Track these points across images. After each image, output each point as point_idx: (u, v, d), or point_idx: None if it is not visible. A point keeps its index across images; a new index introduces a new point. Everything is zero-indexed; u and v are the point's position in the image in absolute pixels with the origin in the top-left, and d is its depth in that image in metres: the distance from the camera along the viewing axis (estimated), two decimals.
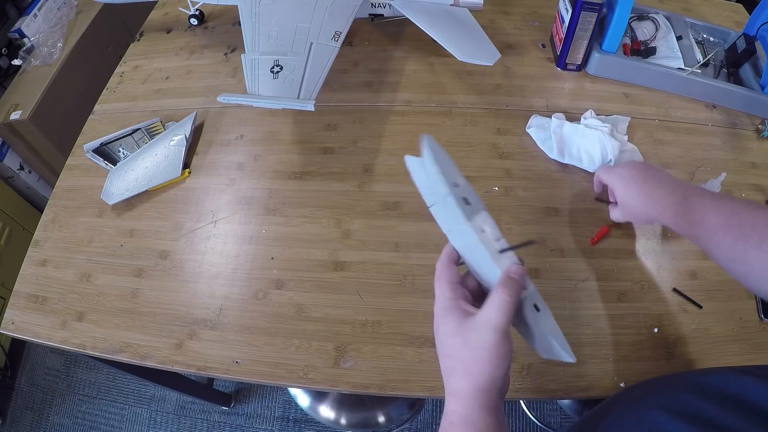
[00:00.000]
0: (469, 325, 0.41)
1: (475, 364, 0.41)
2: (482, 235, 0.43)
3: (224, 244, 0.83)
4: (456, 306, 0.43)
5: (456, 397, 0.42)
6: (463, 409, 0.41)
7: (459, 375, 0.42)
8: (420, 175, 0.46)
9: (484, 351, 0.40)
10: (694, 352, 0.69)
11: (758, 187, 0.85)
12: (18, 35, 1.56)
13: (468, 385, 0.41)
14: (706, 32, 1.04)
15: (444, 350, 0.43)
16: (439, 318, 0.44)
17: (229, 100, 0.79)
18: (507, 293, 0.40)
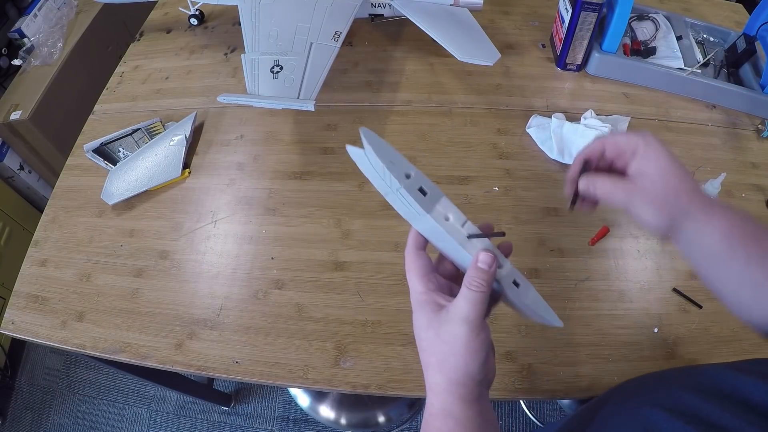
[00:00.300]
0: (441, 318, 0.40)
1: (448, 357, 0.40)
2: (447, 224, 0.41)
3: (224, 244, 0.83)
4: (428, 299, 0.42)
5: (432, 391, 0.42)
6: (439, 401, 0.41)
7: (434, 369, 0.42)
8: (367, 166, 0.43)
9: (456, 344, 0.39)
10: (694, 352, 0.69)
11: (758, 187, 0.85)
12: (18, 35, 1.56)
13: (443, 378, 0.41)
14: (706, 32, 1.04)
15: (420, 344, 0.43)
16: (414, 312, 0.43)
17: (229, 100, 0.79)
18: (476, 285, 0.39)
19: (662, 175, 0.42)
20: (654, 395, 0.41)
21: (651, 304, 0.73)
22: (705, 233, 0.42)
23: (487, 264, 0.40)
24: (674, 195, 0.42)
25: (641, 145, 0.44)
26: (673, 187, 0.42)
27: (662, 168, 0.42)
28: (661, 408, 0.38)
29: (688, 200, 0.42)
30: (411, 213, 0.43)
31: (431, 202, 0.41)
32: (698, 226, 0.42)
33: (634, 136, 0.44)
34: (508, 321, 0.72)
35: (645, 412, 0.39)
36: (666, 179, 0.42)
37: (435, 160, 0.89)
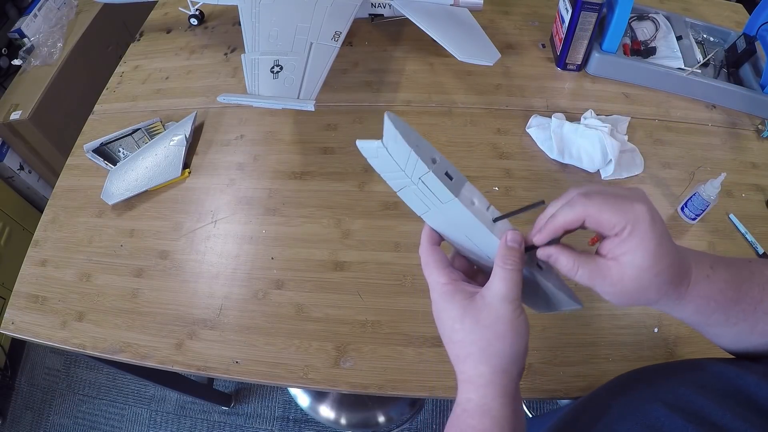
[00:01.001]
0: (478, 304, 0.38)
1: (492, 343, 0.38)
2: (473, 207, 0.40)
3: (224, 244, 0.83)
4: (456, 289, 0.40)
5: (472, 383, 0.39)
6: (478, 396, 0.38)
7: (474, 359, 0.38)
8: (381, 159, 0.40)
9: (500, 326, 0.37)
10: (694, 352, 0.69)
11: (758, 187, 0.85)
12: (18, 35, 1.56)
13: (487, 368, 0.38)
14: (706, 32, 1.04)
15: (453, 336, 0.40)
16: (440, 305, 0.40)
17: (229, 100, 0.79)
18: (510, 263, 0.38)
19: (638, 275, 0.36)
20: (656, 390, 0.41)
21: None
22: (676, 311, 0.40)
23: (517, 242, 0.39)
24: (644, 292, 0.37)
25: (628, 231, 0.35)
26: (646, 285, 0.37)
27: (640, 266, 0.35)
28: (663, 404, 0.38)
29: (658, 295, 0.38)
30: (432, 202, 0.41)
31: (458, 187, 0.40)
32: (669, 308, 0.40)
33: (622, 216, 0.35)
34: None
35: (646, 407, 0.39)
36: (640, 279, 0.36)
37: None
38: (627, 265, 0.36)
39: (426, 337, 0.71)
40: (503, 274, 0.38)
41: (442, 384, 0.68)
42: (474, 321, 0.38)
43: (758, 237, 0.79)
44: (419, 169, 0.39)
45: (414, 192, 0.41)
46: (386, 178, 0.42)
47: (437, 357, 0.70)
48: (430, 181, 0.40)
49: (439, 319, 0.41)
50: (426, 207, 0.42)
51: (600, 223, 0.36)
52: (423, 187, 0.40)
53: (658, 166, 0.87)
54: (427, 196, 0.41)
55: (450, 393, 0.67)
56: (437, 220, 0.43)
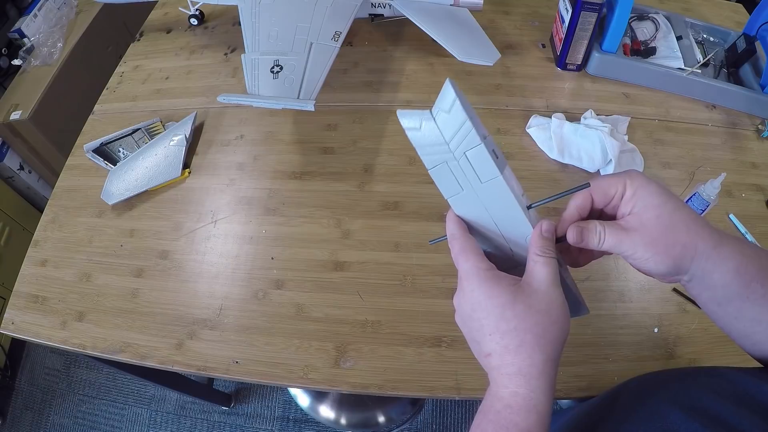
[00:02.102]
0: (526, 290, 0.37)
1: (547, 329, 0.36)
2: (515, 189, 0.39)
3: (224, 244, 0.83)
4: (500, 275, 0.38)
5: (523, 376, 0.36)
6: (528, 389, 0.36)
7: (529, 347, 0.36)
8: (425, 131, 0.38)
9: (554, 310, 0.36)
10: (694, 352, 0.69)
11: (758, 187, 0.85)
12: (18, 35, 1.56)
13: (540, 356, 0.36)
14: (706, 32, 1.04)
15: (501, 326, 0.37)
16: (485, 291, 0.38)
17: (229, 100, 0.79)
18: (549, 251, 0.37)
19: (656, 214, 0.36)
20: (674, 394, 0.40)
21: (651, 304, 0.73)
22: (715, 271, 0.37)
23: (551, 233, 0.39)
24: (672, 232, 0.36)
25: (627, 184, 0.38)
26: (669, 223, 0.36)
27: (653, 204, 0.36)
28: (680, 408, 0.37)
29: (689, 236, 0.36)
30: (468, 182, 0.39)
31: (501, 166, 0.39)
32: (707, 264, 0.37)
33: (617, 177, 0.38)
34: None
35: (664, 410, 0.38)
36: (660, 217, 0.36)
37: None
38: (642, 210, 0.37)
39: (426, 337, 0.71)
40: (544, 261, 0.37)
41: (442, 384, 0.68)
42: (527, 306, 0.36)
43: (758, 237, 0.79)
44: (469, 141, 0.37)
45: (451, 169, 0.39)
46: (422, 153, 0.39)
47: (437, 357, 0.70)
48: (476, 156, 0.37)
49: (480, 308, 0.38)
50: (459, 188, 0.40)
51: (604, 192, 0.39)
52: (465, 163, 0.38)
53: (658, 166, 0.87)
54: (466, 175, 0.38)
55: (450, 393, 0.67)
56: (466, 204, 0.40)
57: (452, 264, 0.82)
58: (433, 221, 0.82)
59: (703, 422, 0.35)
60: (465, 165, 0.38)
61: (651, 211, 0.37)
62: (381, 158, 0.90)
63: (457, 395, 0.67)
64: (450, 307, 0.74)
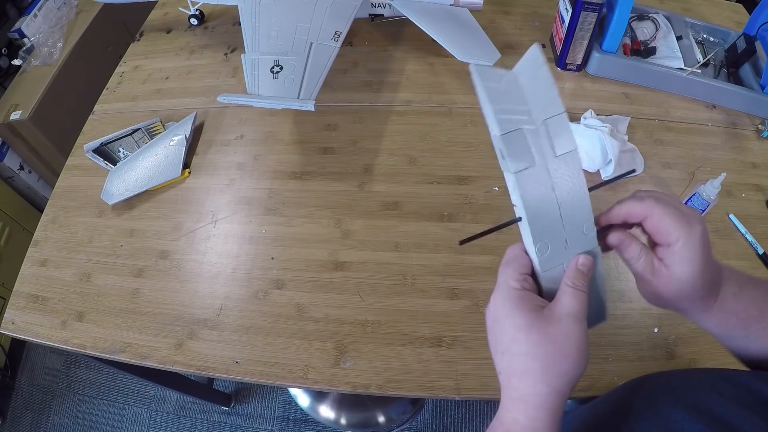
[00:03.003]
0: (546, 318, 0.36)
1: (557, 361, 0.36)
2: None
3: (224, 244, 0.83)
4: (526, 296, 0.38)
5: (524, 403, 0.36)
6: (527, 418, 0.36)
7: (534, 376, 0.36)
8: (503, 90, 0.35)
9: (568, 345, 0.35)
10: (694, 352, 0.69)
11: (758, 187, 0.85)
12: (18, 35, 1.56)
13: (544, 388, 0.36)
14: (706, 32, 1.04)
15: (512, 348, 0.37)
16: (505, 310, 0.38)
17: (229, 100, 0.79)
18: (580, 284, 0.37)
19: (690, 284, 0.38)
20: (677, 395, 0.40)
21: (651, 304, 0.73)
22: (710, 323, 0.41)
23: (587, 267, 0.39)
24: (690, 299, 0.39)
25: (681, 242, 0.37)
26: (691, 294, 0.39)
27: (692, 274, 0.37)
28: (683, 408, 0.37)
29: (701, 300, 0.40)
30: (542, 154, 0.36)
31: None
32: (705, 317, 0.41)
33: (681, 231, 0.37)
34: None
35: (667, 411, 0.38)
36: (690, 288, 0.38)
37: (435, 160, 0.89)
38: (674, 274, 0.38)
39: (426, 337, 0.71)
40: (574, 292, 0.37)
41: (442, 384, 0.68)
42: (542, 335, 0.36)
43: (758, 237, 0.79)
44: (551, 108, 0.35)
45: (525, 137, 0.35)
46: (497, 112, 0.35)
47: (437, 357, 0.70)
48: (556, 125, 0.35)
49: (498, 324, 0.38)
50: (529, 161, 0.36)
51: (659, 228, 0.38)
52: (542, 132, 0.35)
53: (658, 166, 0.87)
54: (541, 145, 0.36)
55: (450, 393, 0.67)
56: (533, 182, 0.37)
57: (452, 264, 0.82)
58: (433, 221, 0.82)
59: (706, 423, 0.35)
60: (542, 133, 0.35)
61: (677, 282, 0.38)
62: (381, 158, 0.90)
63: (457, 395, 0.67)
64: (449, 307, 0.74)
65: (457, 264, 0.77)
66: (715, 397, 0.37)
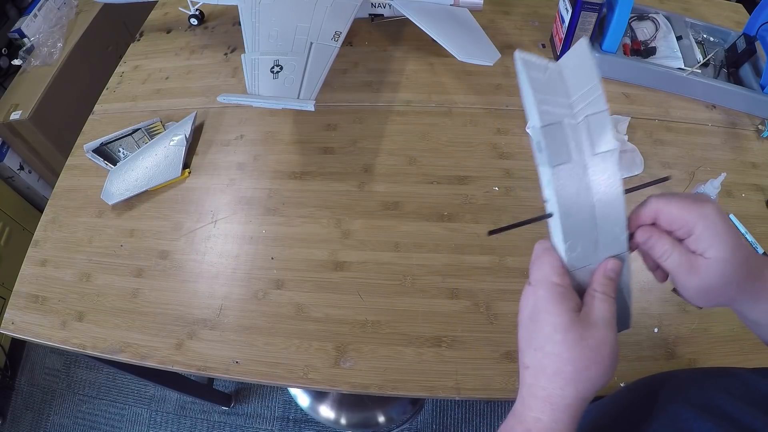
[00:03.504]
0: (584, 321, 0.35)
1: (590, 366, 0.35)
2: None
3: (224, 244, 0.83)
4: (568, 295, 0.36)
5: (550, 404, 0.35)
6: (550, 419, 0.35)
7: (565, 379, 0.35)
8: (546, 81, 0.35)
9: (603, 351, 0.35)
10: (694, 352, 0.69)
11: (758, 187, 0.85)
12: (18, 35, 1.56)
13: (572, 391, 0.35)
14: (706, 32, 1.04)
15: (546, 347, 0.36)
16: (545, 306, 0.36)
17: (229, 100, 0.79)
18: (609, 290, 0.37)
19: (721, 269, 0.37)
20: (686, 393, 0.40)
21: (651, 304, 0.73)
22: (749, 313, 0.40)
23: (615, 273, 0.38)
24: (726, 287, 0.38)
25: (700, 225, 0.36)
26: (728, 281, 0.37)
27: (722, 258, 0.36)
28: (693, 407, 0.37)
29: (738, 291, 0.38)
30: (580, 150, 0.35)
31: None
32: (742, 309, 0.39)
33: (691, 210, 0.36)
34: (508, 321, 0.72)
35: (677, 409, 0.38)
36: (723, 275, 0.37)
37: (435, 160, 0.89)
38: (711, 259, 0.36)
39: (426, 337, 0.71)
40: (604, 298, 0.36)
41: (442, 384, 0.68)
42: (579, 337, 0.35)
43: (758, 237, 0.79)
44: (594, 104, 0.34)
45: (564, 131, 0.35)
46: (538, 103, 0.34)
47: (437, 357, 0.70)
48: (598, 122, 0.34)
49: (534, 320, 0.37)
50: (567, 156, 0.35)
51: (673, 220, 0.37)
52: (583, 127, 0.35)
53: (658, 166, 0.87)
54: (581, 141, 0.35)
55: (450, 393, 0.67)
56: (568, 178, 0.36)
57: (452, 264, 0.82)
58: (433, 221, 0.82)
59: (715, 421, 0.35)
60: (582, 128, 0.35)
61: (718, 264, 0.36)
62: (381, 158, 0.90)
63: (457, 395, 0.67)
64: (449, 307, 0.74)
65: (457, 264, 0.77)
66: (724, 395, 0.37)
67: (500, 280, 0.75)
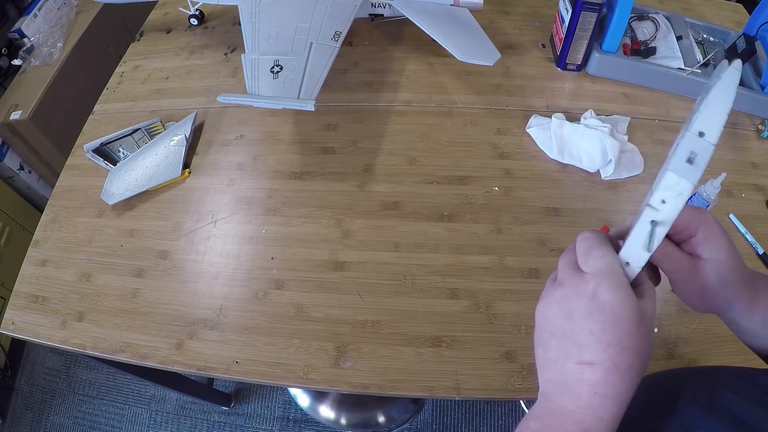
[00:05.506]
0: (643, 313, 0.35)
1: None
2: None
3: (224, 244, 0.83)
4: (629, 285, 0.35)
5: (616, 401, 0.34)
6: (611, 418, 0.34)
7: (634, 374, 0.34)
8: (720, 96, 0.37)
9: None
10: (694, 352, 0.69)
11: (758, 187, 0.85)
12: (18, 35, 1.56)
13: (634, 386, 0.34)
14: (706, 32, 1.04)
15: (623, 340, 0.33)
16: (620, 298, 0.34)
17: (229, 100, 0.79)
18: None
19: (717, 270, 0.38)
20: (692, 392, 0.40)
21: None
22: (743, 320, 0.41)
23: None
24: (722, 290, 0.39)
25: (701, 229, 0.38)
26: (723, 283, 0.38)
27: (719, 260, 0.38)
28: (699, 406, 0.37)
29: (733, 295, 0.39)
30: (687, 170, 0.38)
31: None
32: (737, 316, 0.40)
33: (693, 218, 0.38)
34: (508, 321, 0.72)
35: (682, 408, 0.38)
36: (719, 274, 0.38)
37: (435, 160, 0.89)
38: (711, 262, 0.38)
39: (426, 337, 0.71)
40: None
41: (442, 384, 0.68)
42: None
43: (758, 237, 0.79)
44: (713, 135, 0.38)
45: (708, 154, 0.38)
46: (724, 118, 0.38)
47: (437, 357, 0.70)
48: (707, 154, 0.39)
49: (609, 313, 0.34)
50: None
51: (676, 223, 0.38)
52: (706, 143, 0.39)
53: (658, 166, 0.87)
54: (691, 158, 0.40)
55: (450, 393, 0.67)
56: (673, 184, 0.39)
57: (452, 264, 0.82)
58: (433, 221, 0.82)
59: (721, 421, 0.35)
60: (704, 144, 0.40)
61: (714, 266, 0.38)
62: (381, 158, 0.90)
63: (457, 395, 0.67)
64: (449, 307, 0.74)
65: (457, 264, 0.77)
66: (731, 395, 0.37)
67: (500, 280, 0.75)
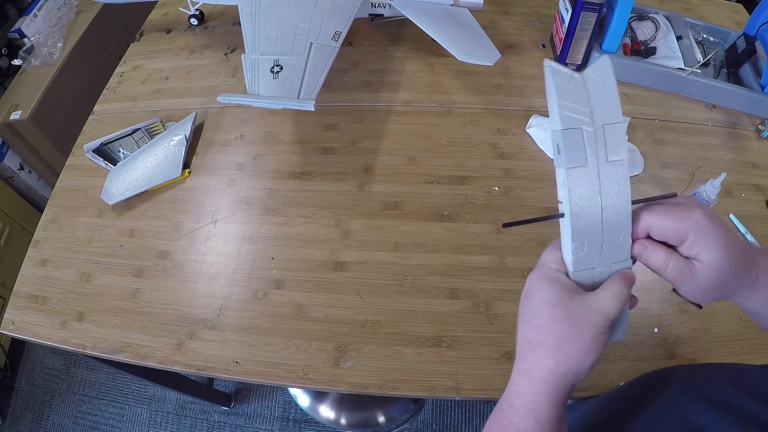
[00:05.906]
0: (576, 302, 0.37)
1: (570, 342, 0.36)
2: None
3: (224, 244, 0.83)
4: (562, 280, 0.39)
5: (528, 375, 0.38)
6: (529, 392, 0.37)
7: (545, 350, 0.37)
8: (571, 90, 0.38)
9: (585, 332, 0.36)
10: (694, 352, 0.69)
11: (758, 187, 0.85)
12: (18, 35, 1.56)
13: (550, 363, 0.37)
14: (706, 32, 1.04)
15: (534, 320, 0.38)
16: (538, 284, 0.39)
17: (229, 100, 0.79)
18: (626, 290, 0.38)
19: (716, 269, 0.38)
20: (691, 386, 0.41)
21: (651, 304, 0.73)
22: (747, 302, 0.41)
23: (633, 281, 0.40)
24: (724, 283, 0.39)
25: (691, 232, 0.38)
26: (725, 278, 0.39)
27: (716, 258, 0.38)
28: (699, 399, 0.38)
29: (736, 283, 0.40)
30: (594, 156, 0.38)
31: None
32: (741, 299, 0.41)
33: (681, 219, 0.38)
34: (507, 321, 0.72)
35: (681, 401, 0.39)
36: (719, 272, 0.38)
37: (435, 160, 0.89)
38: (707, 262, 0.38)
39: (426, 337, 0.71)
40: (615, 296, 0.38)
41: (442, 384, 0.68)
42: (564, 314, 0.37)
43: (758, 237, 0.79)
44: (612, 115, 0.38)
45: (581, 137, 0.38)
46: (561, 109, 0.38)
47: (437, 357, 0.70)
48: (613, 132, 0.38)
49: (528, 296, 0.40)
50: (582, 160, 0.38)
51: (665, 232, 0.39)
52: (599, 135, 0.38)
53: (658, 166, 0.87)
54: (596, 148, 0.38)
55: (450, 393, 0.67)
56: (582, 180, 0.39)
57: (452, 264, 0.82)
58: (433, 221, 0.82)
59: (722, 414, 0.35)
60: (598, 136, 0.38)
61: (713, 265, 0.38)
62: (381, 158, 0.90)
63: (457, 395, 0.67)
64: (449, 307, 0.74)
65: (457, 264, 0.77)
66: (729, 389, 0.38)
67: (500, 280, 0.75)
